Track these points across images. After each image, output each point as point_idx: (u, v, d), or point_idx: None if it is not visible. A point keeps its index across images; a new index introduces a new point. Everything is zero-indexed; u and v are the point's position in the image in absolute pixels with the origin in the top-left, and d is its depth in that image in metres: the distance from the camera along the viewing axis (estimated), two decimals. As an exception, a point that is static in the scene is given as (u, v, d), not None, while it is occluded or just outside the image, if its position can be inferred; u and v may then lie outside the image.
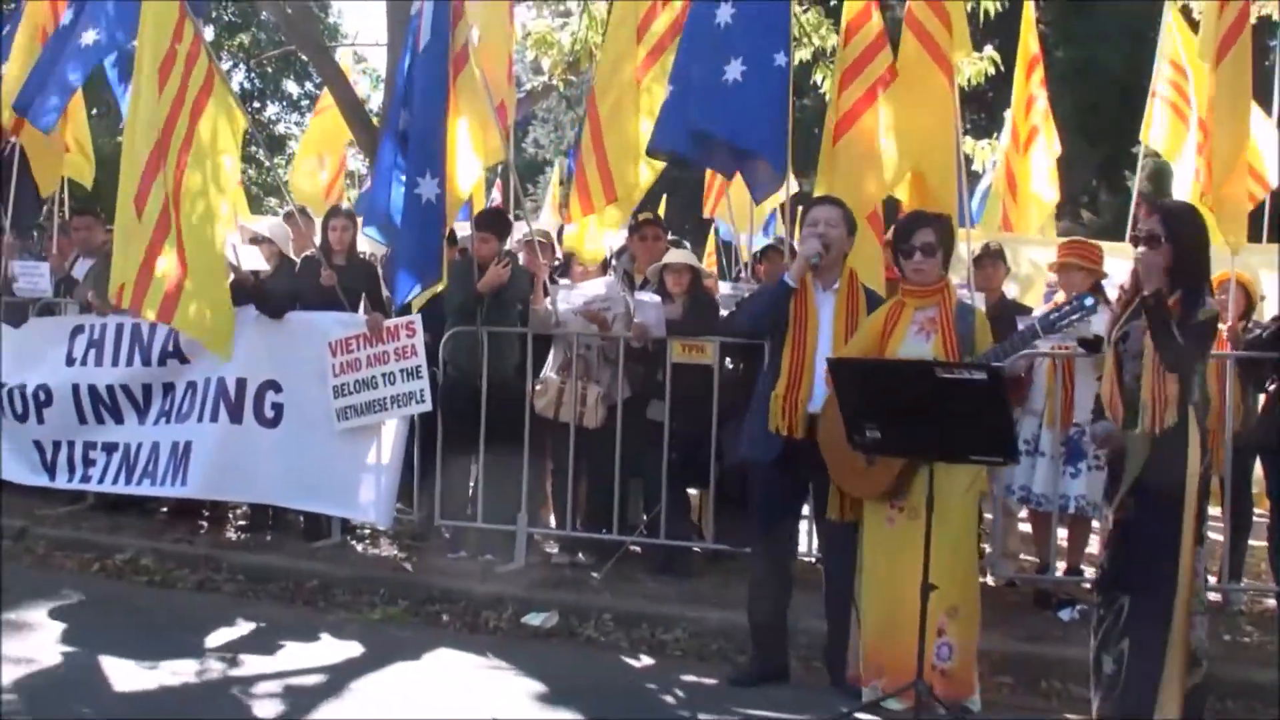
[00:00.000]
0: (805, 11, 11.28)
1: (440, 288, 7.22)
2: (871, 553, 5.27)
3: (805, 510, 6.19)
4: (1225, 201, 6.77)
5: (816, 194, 6.61)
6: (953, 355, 5.08)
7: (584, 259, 8.43)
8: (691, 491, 7.54)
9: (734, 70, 6.56)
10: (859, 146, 6.78)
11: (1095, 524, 6.64)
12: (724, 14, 6.69)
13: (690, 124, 6.76)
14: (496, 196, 11.32)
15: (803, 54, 10.92)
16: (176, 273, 7.10)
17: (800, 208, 6.55)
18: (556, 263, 8.53)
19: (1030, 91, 10.59)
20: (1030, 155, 10.51)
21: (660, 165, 7.77)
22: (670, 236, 8.06)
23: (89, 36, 7.63)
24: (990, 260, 7.25)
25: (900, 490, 5.10)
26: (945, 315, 5.21)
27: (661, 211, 10.36)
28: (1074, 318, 4.97)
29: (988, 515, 7.16)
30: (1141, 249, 4.82)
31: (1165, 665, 4.74)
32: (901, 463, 5.07)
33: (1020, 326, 5.54)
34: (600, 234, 8.27)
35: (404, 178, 7.22)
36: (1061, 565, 6.74)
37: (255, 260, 7.92)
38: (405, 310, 7.34)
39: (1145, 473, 4.85)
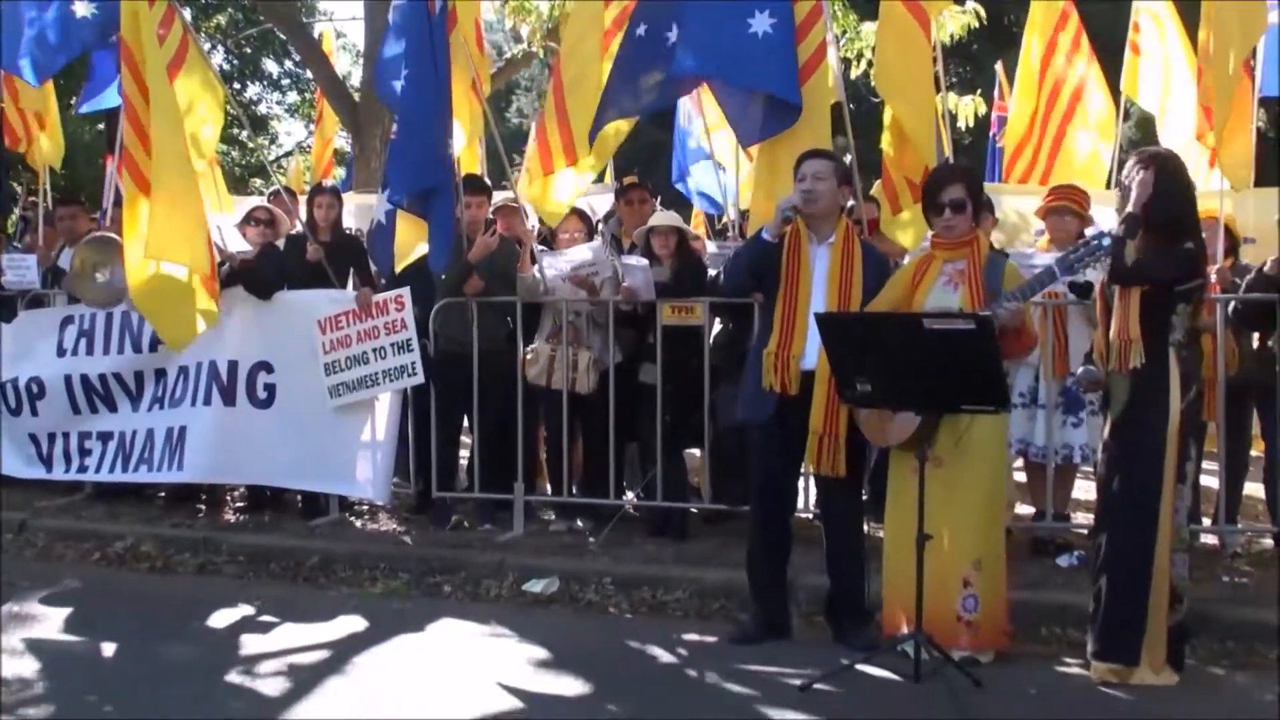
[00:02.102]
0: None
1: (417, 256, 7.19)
2: (895, 504, 5.25)
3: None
4: (1228, 140, 6.77)
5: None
6: (979, 306, 5.03)
7: (545, 216, 8.34)
8: (690, 452, 7.55)
9: (761, 23, 6.43)
10: None
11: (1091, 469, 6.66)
12: None
13: (697, 71, 6.72)
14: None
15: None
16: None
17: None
18: (537, 228, 8.43)
19: (1059, 59, 9.40)
20: (1072, 133, 9.43)
21: (630, 123, 7.71)
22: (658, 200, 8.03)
23: (82, 8, 7.44)
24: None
25: (927, 439, 5.03)
26: (974, 267, 5.18)
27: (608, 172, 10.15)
28: (1091, 256, 4.97)
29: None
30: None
31: (1147, 603, 4.78)
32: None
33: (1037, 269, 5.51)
34: (550, 191, 8.14)
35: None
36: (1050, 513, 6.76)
37: (239, 243, 7.89)
38: (415, 278, 7.27)
39: (1126, 413, 4.87)
